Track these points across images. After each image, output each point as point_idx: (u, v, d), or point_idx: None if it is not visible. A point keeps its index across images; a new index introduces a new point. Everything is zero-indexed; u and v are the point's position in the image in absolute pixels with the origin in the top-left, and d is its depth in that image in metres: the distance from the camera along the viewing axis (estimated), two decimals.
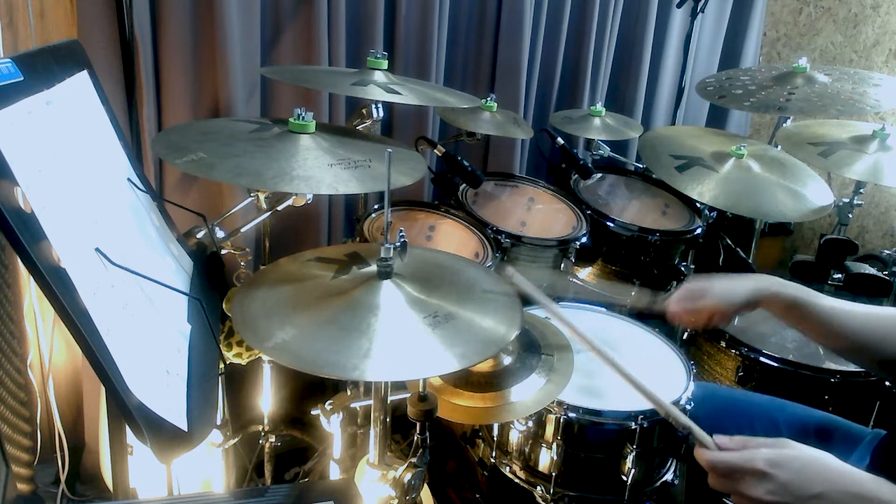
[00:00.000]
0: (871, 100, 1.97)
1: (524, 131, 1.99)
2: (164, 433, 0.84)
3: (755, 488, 0.82)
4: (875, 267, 1.97)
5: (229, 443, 1.53)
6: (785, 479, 0.81)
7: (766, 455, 0.83)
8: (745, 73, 2.24)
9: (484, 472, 1.50)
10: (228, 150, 1.21)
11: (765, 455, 0.83)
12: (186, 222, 1.33)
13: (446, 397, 1.25)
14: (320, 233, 2.10)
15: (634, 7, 2.57)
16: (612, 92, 2.68)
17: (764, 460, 0.82)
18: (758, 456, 0.83)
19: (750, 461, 0.83)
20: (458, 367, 0.90)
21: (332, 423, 1.21)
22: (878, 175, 1.87)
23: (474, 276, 1.15)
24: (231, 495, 1.03)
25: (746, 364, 1.64)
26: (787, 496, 0.80)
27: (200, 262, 1.27)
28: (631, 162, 2.55)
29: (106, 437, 1.22)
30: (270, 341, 0.91)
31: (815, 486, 0.81)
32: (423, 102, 1.50)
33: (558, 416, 1.35)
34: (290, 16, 1.91)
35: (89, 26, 1.59)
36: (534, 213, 2.08)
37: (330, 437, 1.28)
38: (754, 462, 0.82)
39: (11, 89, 0.81)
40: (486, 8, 2.26)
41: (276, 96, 1.97)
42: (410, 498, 1.11)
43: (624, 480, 1.37)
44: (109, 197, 1.02)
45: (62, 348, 1.84)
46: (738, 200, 1.84)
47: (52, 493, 1.85)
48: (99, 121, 1.10)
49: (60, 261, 0.76)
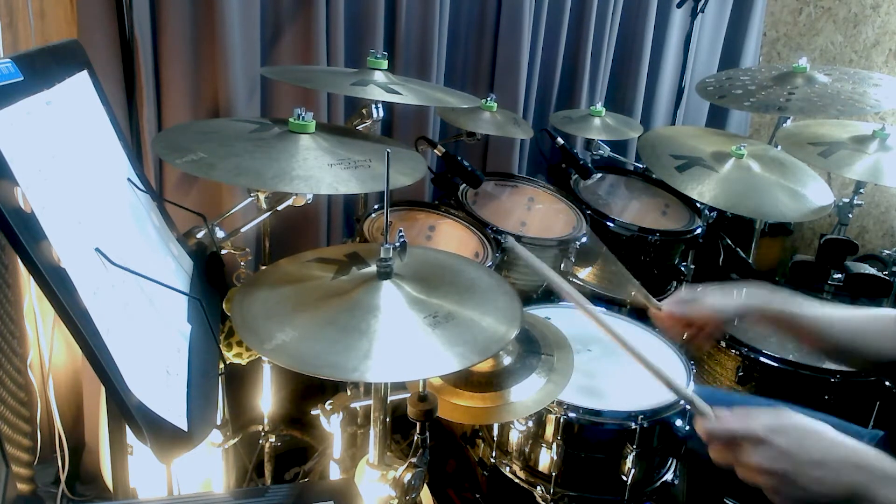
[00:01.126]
0: (871, 100, 1.97)
1: (524, 131, 1.99)
2: (164, 433, 0.84)
3: (754, 455, 0.81)
4: (875, 267, 1.97)
5: (229, 443, 1.53)
6: (784, 445, 0.80)
7: (765, 422, 0.82)
8: (745, 73, 2.24)
9: (484, 472, 1.50)
10: (228, 150, 1.21)
11: (764, 422, 0.82)
12: (186, 222, 1.33)
13: (446, 397, 1.25)
14: (320, 233, 2.10)
15: (634, 7, 2.57)
16: (612, 92, 2.68)
17: (763, 427, 0.81)
18: (756, 423, 0.82)
19: (749, 428, 0.82)
20: (458, 368, 0.90)
21: (332, 423, 1.21)
22: (878, 175, 1.87)
23: (474, 276, 1.15)
24: (231, 495, 1.03)
25: (746, 364, 1.64)
26: (787, 462, 0.79)
27: (200, 262, 1.27)
28: (631, 162, 2.55)
29: (106, 437, 1.22)
30: (270, 342, 0.91)
31: (814, 454, 0.80)
32: (424, 102, 1.50)
33: (558, 416, 1.35)
34: (290, 16, 1.91)
35: (89, 26, 1.59)
36: (534, 213, 2.08)
37: (330, 437, 1.28)
38: (753, 429, 0.82)
39: (11, 89, 0.81)
40: (486, 8, 2.26)
41: (275, 96, 1.97)
42: (410, 498, 1.11)
43: (624, 480, 1.37)
44: (109, 197, 1.02)
45: (62, 348, 1.84)
46: (738, 200, 1.84)
47: (52, 493, 1.85)
48: (99, 121, 1.09)
49: (60, 261, 0.76)
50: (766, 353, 1.62)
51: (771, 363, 1.60)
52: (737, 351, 1.65)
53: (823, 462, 0.79)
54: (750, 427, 0.82)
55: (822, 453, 0.80)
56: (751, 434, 0.81)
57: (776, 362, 1.60)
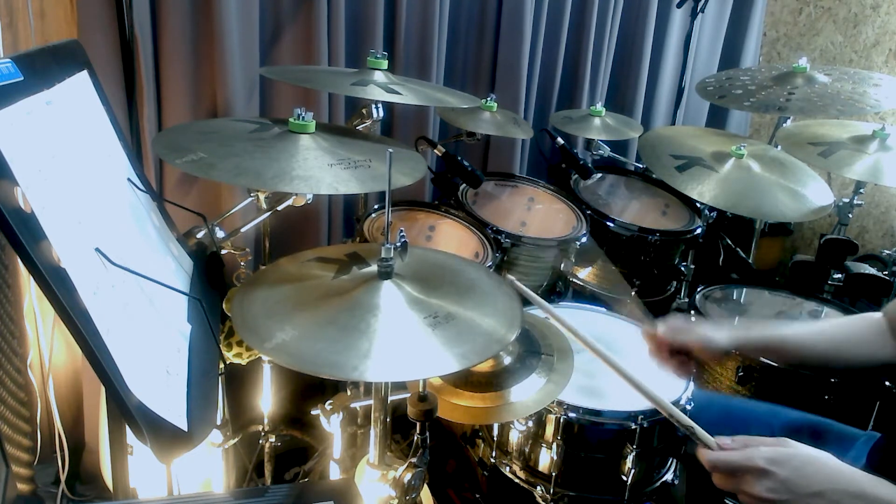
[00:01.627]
0: (871, 100, 1.97)
1: (524, 131, 1.99)
2: (164, 433, 0.84)
3: (756, 486, 0.83)
4: (875, 267, 1.97)
5: (229, 443, 1.53)
6: (784, 476, 0.83)
7: (766, 453, 0.84)
8: (745, 73, 2.24)
9: (484, 472, 1.50)
10: (228, 150, 1.21)
11: (764, 453, 0.84)
12: (186, 222, 1.33)
13: (446, 397, 1.25)
14: (320, 233, 2.10)
15: (634, 7, 2.57)
16: (612, 92, 2.68)
17: (763, 458, 0.84)
18: (757, 454, 0.85)
19: (750, 459, 0.84)
20: (458, 368, 0.90)
21: (332, 423, 1.21)
22: (878, 175, 1.87)
23: (474, 276, 1.15)
24: (231, 495, 1.03)
25: (746, 364, 1.63)
26: (787, 493, 0.82)
27: (200, 262, 1.27)
28: (631, 162, 2.55)
29: (106, 437, 1.22)
30: (270, 342, 0.91)
31: (813, 485, 0.83)
32: (424, 102, 1.50)
33: (558, 416, 1.35)
34: (290, 16, 1.91)
35: (89, 26, 1.59)
36: (534, 213, 2.08)
37: (330, 437, 1.28)
38: (754, 460, 0.84)
39: (11, 89, 0.81)
40: (487, 8, 2.26)
41: (275, 96, 1.97)
42: (410, 498, 1.11)
43: (624, 480, 1.37)
44: (109, 197, 1.02)
45: (62, 348, 1.84)
46: (738, 200, 1.84)
47: (52, 493, 1.85)
48: (99, 121, 1.09)
49: (60, 261, 0.76)
50: None
51: (771, 363, 1.60)
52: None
53: (823, 492, 0.82)
54: (751, 458, 0.84)
55: (821, 484, 0.83)
56: (752, 465, 0.84)
57: (776, 363, 1.60)
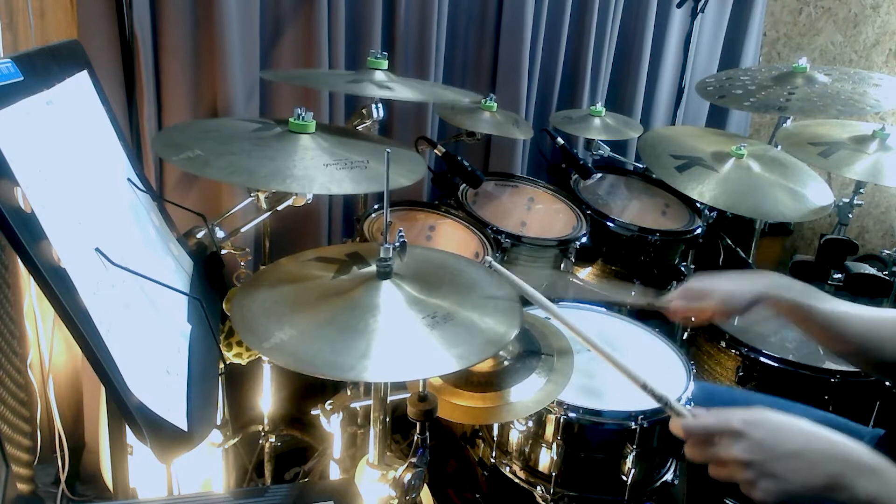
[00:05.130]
0: (871, 100, 1.97)
1: (524, 131, 1.99)
2: (164, 433, 0.84)
3: (731, 448, 0.81)
4: (875, 267, 1.97)
5: (229, 443, 1.53)
6: (760, 436, 0.80)
7: (741, 415, 0.82)
8: (745, 73, 2.24)
9: (484, 472, 1.50)
10: (225, 149, 1.21)
11: (739, 415, 0.82)
12: (186, 222, 1.33)
13: (446, 397, 1.25)
14: (320, 233, 2.10)
15: (634, 7, 2.57)
16: (612, 92, 2.67)
17: (739, 420, 0.82)
18: (733, 416, 0.82)
19: (725, 422, 0.82)
20: (458, 368, 0.90)
21: (332, 423, 1.21)
22: (878, 175, 1.87)
23: (474, 276, 1.15)
24: (231, 495, 1.03)
25: (746, 364, 1.64)
26: (763, 453, 0.79)
27: (200, 262, 1.27)
28: (631, 162, 2.55)
29: (106, 437, 1.22)
30: (269, 342, 0.91)
31: (790, 444, 0.80)
32: (421, 97, 1.48)
33: (558, 416, 1.35)
34: (290, 16, 1.91)
35: (89, 26, 1.59)
36: (534, 213, 2.08)
37: (330, 437, 1.28)
38: (729, 422, 0.82)
39: (11, 89, 0.81)
40: (487, 8, 2.26)
41: (275, 97, 1.97)
42: (410, 498, 1.11)
43: (624, 480, 1.37)
44: (109, 197, 1.02)
45: (62, 348, 1.84)
46: (738, 200, 1.84)
47: (52, 493, 1.85)
48: (99, 121, 1.10)
49: (60, 261, 0.76)
50: (765, 353, 1.61)
51: (771, 363, 1.60)
52: (737, 351, 1.65)
53: (800, 453, 0.80)
54: (726, 421, 0.82)
55: (799, 444, 0.80)
56: (727, 427, 0.81)
57: (776, 362, 1.60)
